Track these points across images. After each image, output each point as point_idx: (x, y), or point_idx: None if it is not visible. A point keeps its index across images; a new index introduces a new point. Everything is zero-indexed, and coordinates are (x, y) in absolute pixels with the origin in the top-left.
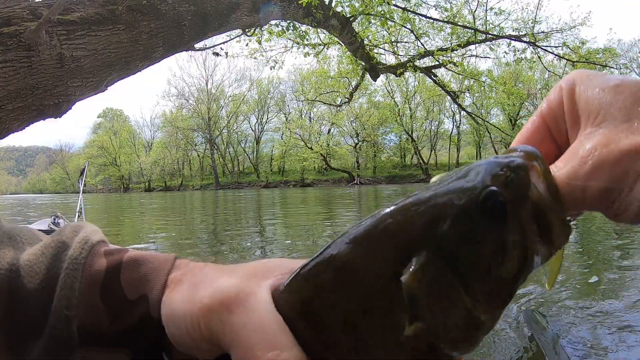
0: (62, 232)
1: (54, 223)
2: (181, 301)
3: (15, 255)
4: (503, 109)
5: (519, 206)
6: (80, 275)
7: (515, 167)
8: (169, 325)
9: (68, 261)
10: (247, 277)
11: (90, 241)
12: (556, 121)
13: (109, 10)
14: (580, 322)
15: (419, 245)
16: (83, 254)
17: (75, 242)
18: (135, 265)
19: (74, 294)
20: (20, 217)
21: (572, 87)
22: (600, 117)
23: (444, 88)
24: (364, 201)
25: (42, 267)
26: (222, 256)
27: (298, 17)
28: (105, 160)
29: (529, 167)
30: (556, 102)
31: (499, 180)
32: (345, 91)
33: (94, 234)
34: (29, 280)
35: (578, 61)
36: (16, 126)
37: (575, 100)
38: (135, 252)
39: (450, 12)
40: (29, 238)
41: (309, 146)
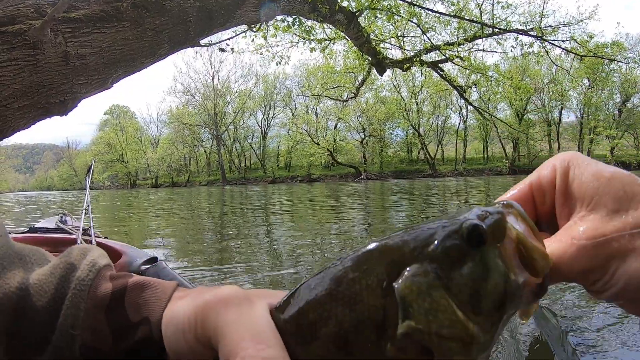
0: (71, 254)
1: (61, 221)
2: (184, 306)
3: (25, 275)
4: (510, 104)
5: (497, 239)
6: (86, 296)
7: (494, 210)
8: (167, 329)
9: (75, 282)
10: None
11: (98, 264)
12: (543, 195)
13: (114, 7)
14: (590, 319)
15: (410, 261)
16: (90, 276)
17: (83, 265)
18: (139, 289)
19: (80, 313)
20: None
21: (566, 168)
22: (593, 203)
23: (451, 83)
24: (370, 196)
25: (50, 286)
26: (229, 253)
27: (304, 12)
28: (112, 157)
29: (506, 212)
30: (548, 178)
31: (480, 217)
32: (352, 86)
33: (101, 258)
34: (37, 298)
35: (586, 55)
36: (22, 124)
37: (568, 182)
38: (140, 277)
39: (456, 6)
40: (38, 259)
41: (316, 141)
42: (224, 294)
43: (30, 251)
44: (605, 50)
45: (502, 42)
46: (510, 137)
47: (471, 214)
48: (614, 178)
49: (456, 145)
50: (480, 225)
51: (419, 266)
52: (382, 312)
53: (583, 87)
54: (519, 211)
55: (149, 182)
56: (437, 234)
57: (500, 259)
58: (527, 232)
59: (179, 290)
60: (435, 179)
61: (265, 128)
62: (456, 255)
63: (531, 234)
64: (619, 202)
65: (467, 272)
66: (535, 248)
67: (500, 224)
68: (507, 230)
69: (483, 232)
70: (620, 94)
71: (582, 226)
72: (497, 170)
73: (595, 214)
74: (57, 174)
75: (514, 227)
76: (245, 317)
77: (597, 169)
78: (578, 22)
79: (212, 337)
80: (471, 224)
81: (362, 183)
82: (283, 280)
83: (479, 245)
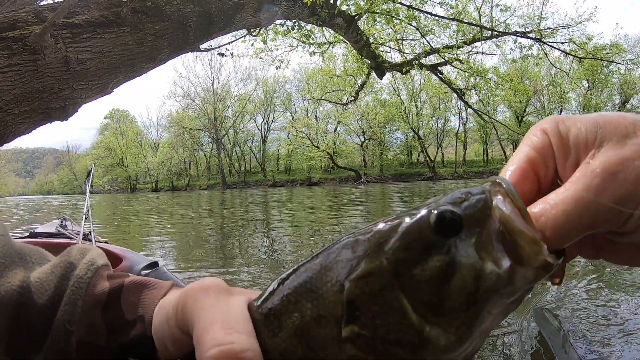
0: (70, 254)
1: (62, 225)
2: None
3: (26, 274)
4: (509, 106)
5: (476, 224)
6: (84, 293)
7: (477, 191)
8: (155, 320)
9: (74, 279)
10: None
11: (96, 264)
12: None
13: (114, 13)
14: (592, 322)
15: (369, 257)
16: (88, 275)
17: (82, 264)
18: (135, 289)
19: (77, 310)
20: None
21: (555, 125)
22: (598, 139)
23: (450, 85)
24: (371, 199)
25: (51, 284)
26: (230, 257)
27: (303, 16)
28: (112, 161)
29: (491, 190)
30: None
31: (456, 202)
32: (351, 89)
33: (99, 258)
34: (38, 296)
35: (585, 57)
36: (23, 129)
37: (562, 136)
38: (136, 277)
39: (455, 10)
40: (38, 258)
41: (316, 145)
42: (206, 283)
43: (31, 250)
44: (604, 52)
45: (501, 45)
46: (510, 140)
47: (446, 198)
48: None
49: (456, 148)
50: (451, 212)
51: (376, 263)
52: (342, 309)
53: (582, 89)
54: (507, 190)
55: (149, 186)
56: (402, 224)
57: (475, 248)
58: (514, 214)
59: (173, 290)
60: (435, 182)
61: (265, 132)
62: (421, 248)
63: (519, 216)
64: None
65: (431, 267)
66: (521, 232)
67: (482, 206)
68: (492, 212)
69: (456, 220)
70: (619, 95)
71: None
72: (497, 173)
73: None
74: (57, 178)
75: (499, 209)
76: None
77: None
78: (577, 24)
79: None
80: (441, 211)
81: (362, 186)
82: None
83: (449, 235)
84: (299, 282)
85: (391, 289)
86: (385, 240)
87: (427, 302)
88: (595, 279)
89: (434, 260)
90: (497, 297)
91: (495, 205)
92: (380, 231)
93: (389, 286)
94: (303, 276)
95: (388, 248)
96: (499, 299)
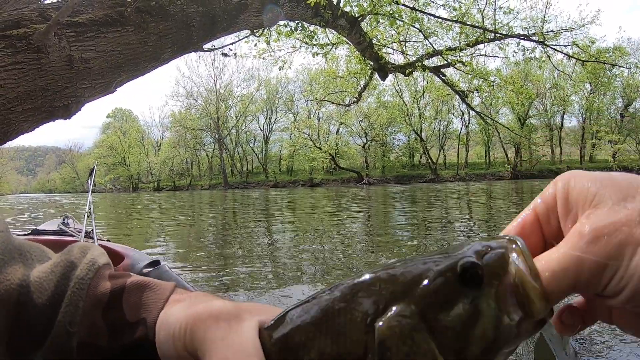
0: (71, 252)
1: (64, 223)
2: (177, 312)
3: (25, 272)
4: (512, 109)
5: (496, 278)
6: (85, 294)
7: (496, 245)
8: (160, 333)
9: (75, 280)
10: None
11: (97, 263)
12: (548, 214)
13: (118, 12)
14: (593, 326)
15: (398, 299)
16: (89, 275)
17: (82, 263)
18: (138, 290)
19: (78, 311)
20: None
21: (566, 181)
22: (595, 200)
23: (453, 87)
24: (372, 201)
25: (51, 284)
26: (231, 256)
27: (306, 17)
28: (114, 160)
29: (509, 247)
30: (550, 195)
31: (479, 254)
32: (354, 91)
33: (101, 257)
34: (38, 295)
35: (587, 60)
36: (26, 127)
37: (568, 191)
38: (138, 277)
39: (458, 11)
40: (38, 255)
41: (318, 146)
42: (215, 308)
43: (31, 247)
44: (607, 55)
45: (504, 47)
46: (512, 142)
47: (470, 249)
48: (613, 176)
49: (458, 150)
50: (477, 264)
51: (405, 306)
52: (364, 348)
53: (585, 92)
54: (521, 248)
55: (151, 186)
56: (429, 271)
57: (494, 300)
58: (527, 270)
59: (176, 293)
60: (437, 184)
61: (268, 132)
62: (447, 296)
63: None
64: (624, 191)
65: (457, 314)
66: (534, 288)
67: (501, 261)
68: (508, 268)
69: (480, 272)
70: (622, 98)
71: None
72: (499, 175)
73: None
74: (59, 177)
75: (515, 265)
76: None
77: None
78: (580, 27)
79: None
80: (467, 262)
81: (364, 188)
82: (285, 285)
83: (474, 286)
84: (319, 316)
85: (420, 332)
86: (414, 285)
87: (452, 346)
88: None
89: (460, 308)
90: (506, 347)
91: (511, 261)
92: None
93: (418, 329)
94: (323, 310)
95: (418, 293)
96: (507, 348)
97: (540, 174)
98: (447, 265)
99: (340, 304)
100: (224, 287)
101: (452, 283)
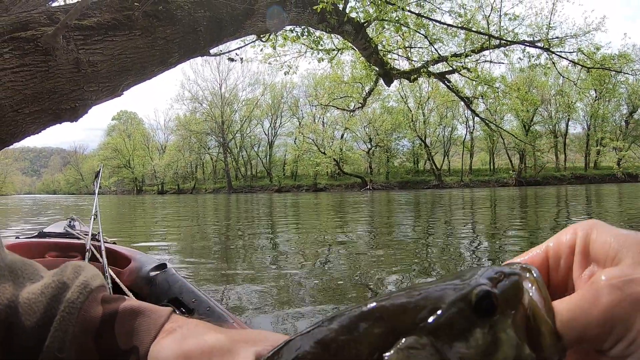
0: (64, 272)
1: (70, 226)
2: (167, 347)
3: (14, 292)
4: (517, 115)
5: (510, 307)
6: (75, 319)
7: (510, 272)
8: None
9: (65, 304)
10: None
11: (90, 286)
12: (559, 260)
13: (126, 16)
14: None
15: (408, 331)
16: (81, 299)
17: (74, 285)
18: (131, 316)
19: (67, 337)
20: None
21: (588, 231)
22: (617, 257)
23: (458, 94)
24: (377, 206)
25: (40, 306)
26: (236, 261)
27: (312, 22)
28: (119, 163)
29: (523, 276)
30: (567, 242)
31: (493, 281)
32: (359, 96)
33: (94, 279)
34: (26, 317)
35: (592, 67)
36: (33, 129)
37: (589, 243)
38: (132, 301)
39: (464, 18)
40: (30, 274)
41: (322, 151)
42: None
43: (23, 265)
44: (612, 61)
45: (509, 54)
46: (517, 149)
47: (483, 276)
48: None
49: (462, 157)
50: (492, 293)
51: (416, 338)
52: None
53: (590, 98)
54: (536, 278)
55: (155, 189)
56: (441, 301)
57: (512, 329)
58: (540, 302)
59: (170, 321)
60: (441, 190)
61: (272, 137)
62: (461, 326)
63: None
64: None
65: (473, 345)
66: (546, 322)
67: (516, 289)
68: (523, 297)
69: (494, 301)
70: (627, 105)
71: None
72: (504, 182)
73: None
74: (64, 178)
75: (529, 295)
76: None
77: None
78: (585, 33)
79: None
80: (482, 290)
81: (368, 193)
82: (288, 289)
83: (488, 315)
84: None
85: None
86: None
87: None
88: None
89: (476, 338)
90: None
91: (525, 289)
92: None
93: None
94: (326, 342)
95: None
96: None
97: (545, 181)
98: (460, 294)
99: (344, 335)
100: (229, 289)
101: (466, 313)
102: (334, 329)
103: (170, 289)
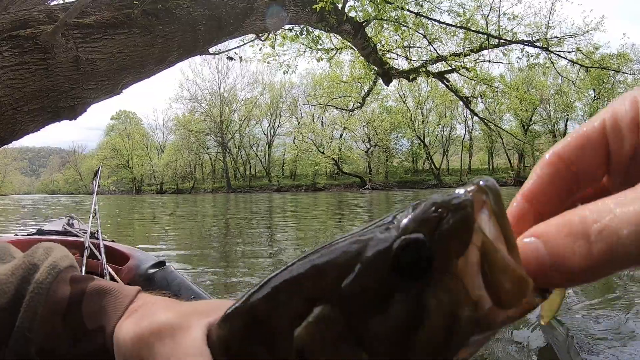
0: (35, 254)
1: (68, 224)
2: (125, 330)
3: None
4: (516, 115)
5: (452, 255)
6: (43, 299)
7: (455, 204)
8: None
9: (34, 285)
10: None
11: (58, 267)
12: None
13: (125, 14)
14: (597, 330)
15: (323, 297)
16: (49, 279)
17: (43, 266)
18: (98, 296)
19: (36, 317)
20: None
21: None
22: None
23: (457, 93)
24: (375, 206)
25: (11, 287)
26: (234, 258)
27: (311, 22)
28: (117, 162)
29: (476, 204)
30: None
31: (429, 224)
32: (358, 96)
33: (64, 260)
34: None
35: (591, 67)
36: (32, 127)
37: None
38: (101, 282)
39: (463, 17)
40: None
41: (321, 150)
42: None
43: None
44: (611, 61)
45: (508, 53)
46: (516, 148)
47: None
48: None
49: (461, 156)
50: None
51: (328, 308)
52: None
53: (589, 98)
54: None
55: (154, 189)
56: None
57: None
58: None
59: (137, 300)
60: (440, 190)
61: (271, 136)
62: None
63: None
64: None
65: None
66: (506, 268)
67: (462, 229)
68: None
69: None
70: None
71: None
72: (503, 182)
73: None
74: (63, 178)
75: (482, 232)
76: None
77: None
78: (584, 33)
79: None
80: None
81: (367, 193)
82: None
83: (415, 275)
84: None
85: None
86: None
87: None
88: (604, 287)
89: (396, 309)
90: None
91: (477, 226)
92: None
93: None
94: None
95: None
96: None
97: None
98: (379, 248)
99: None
100: (227, 286)
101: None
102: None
103: (169, 286)
